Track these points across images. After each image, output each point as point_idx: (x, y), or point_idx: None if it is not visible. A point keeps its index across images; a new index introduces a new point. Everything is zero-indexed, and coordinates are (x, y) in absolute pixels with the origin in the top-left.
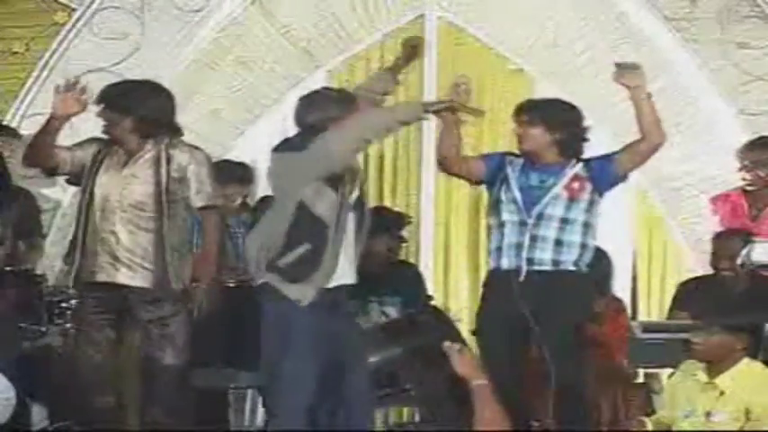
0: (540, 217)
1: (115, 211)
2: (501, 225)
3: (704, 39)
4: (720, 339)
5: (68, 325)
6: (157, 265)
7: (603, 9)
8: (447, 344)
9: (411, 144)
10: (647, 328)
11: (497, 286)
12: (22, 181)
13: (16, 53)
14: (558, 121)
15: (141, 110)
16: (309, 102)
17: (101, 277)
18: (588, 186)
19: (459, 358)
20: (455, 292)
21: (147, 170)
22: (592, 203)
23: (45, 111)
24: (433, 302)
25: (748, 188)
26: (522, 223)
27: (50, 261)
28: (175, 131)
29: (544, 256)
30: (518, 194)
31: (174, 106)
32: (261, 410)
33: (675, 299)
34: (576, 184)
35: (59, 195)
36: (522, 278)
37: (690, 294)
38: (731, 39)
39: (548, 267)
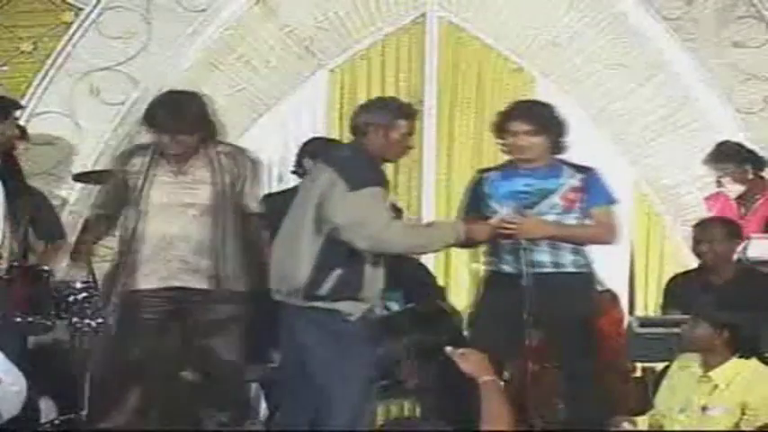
0: None
1: (179, 217)
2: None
3: (700, 38)
4: (703, 331)
5: (75, 319)
6: (220, 268)
7: (602, 9)
8: (449, 349)
9: None
10: (645, 322)
11: (499, 289)
12: (28, 179)
13: (24, 52)
14: (554, 125)
15: (204, 125)
16: (367, 105)
17: (172, 282)
18: (582, 197)
19: (464, 360)
20: (455, 291)
21: (204, 174)
22: (583, 212)
23: (53, 109)
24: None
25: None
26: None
27: None
28: (217, 133)
29: (543, 258)
30: (497, 207)
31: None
32: (263, 404)
33: (666, 295)
34: (572, 195)
35: (66, 193)
36: (524, 281)
37: (678, 289)
38: (727, 38)
39: (548, 269)
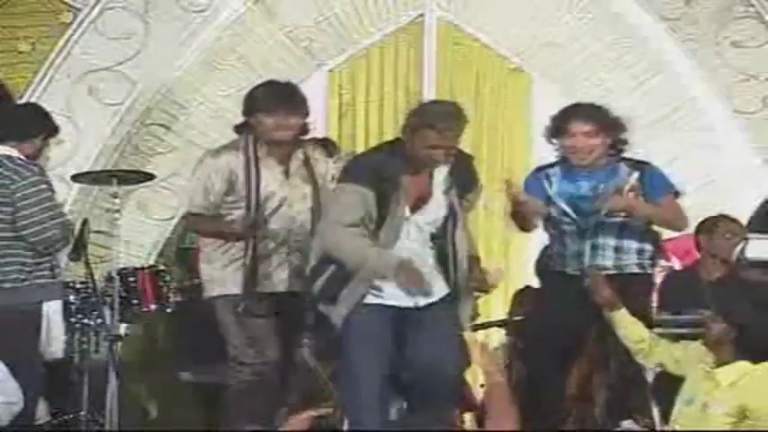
0: (598, 225)
1: (287, 214)
2: (561, 234)
3: (699, 38)
4: (712, 327)
5: (72, 319)
6: None
7: (600, 9)
8: (470, 336)
9: None
10: None
11: (561, 289)
12: None
13: (22, 52)
14: (612, 125)
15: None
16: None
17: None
18: (639, 194)
19: (482, 353)
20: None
21: (303, 172)
22: None
23: (51, 109)
24: None
25: None
26: (581, 232)
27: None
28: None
29: (606, 262)
30: (567, 208)
31: None
32: None
33: (658, 298)
34: (632, 194)
35: (65, 193)
36: (587, 283)
37: (666, 291)
38: (726, 38)
39: (611, 272)
